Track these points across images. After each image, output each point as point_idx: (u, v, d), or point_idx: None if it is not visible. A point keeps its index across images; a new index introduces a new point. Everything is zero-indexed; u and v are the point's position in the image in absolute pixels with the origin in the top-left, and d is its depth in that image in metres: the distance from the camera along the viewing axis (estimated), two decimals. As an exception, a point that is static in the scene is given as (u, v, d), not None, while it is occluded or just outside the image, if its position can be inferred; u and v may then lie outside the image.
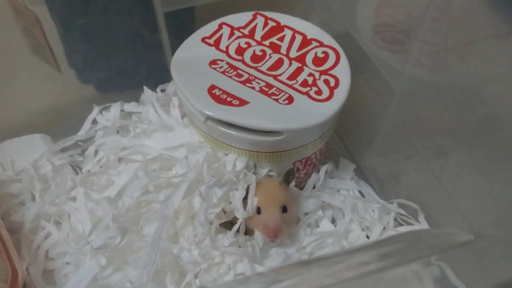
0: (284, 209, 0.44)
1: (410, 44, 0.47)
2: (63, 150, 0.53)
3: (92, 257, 0.40)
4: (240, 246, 0.43)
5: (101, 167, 0.51)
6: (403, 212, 0.49)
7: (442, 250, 0.29)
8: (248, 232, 0.45)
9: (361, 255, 0.27)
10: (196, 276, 0.41)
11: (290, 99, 0.44)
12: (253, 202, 0.43)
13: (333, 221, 0.49)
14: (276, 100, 0.43)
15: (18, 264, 0.43)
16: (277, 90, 0.44)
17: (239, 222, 0.42)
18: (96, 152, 0.52)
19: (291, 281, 0.23)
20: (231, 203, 0.44)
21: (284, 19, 0.51)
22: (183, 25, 0.60)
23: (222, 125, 0.43)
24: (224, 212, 0.44)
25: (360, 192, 0.52)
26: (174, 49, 0.56)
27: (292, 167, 0.46)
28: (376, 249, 0.30)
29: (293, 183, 0.47)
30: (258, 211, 0.44)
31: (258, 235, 0.44)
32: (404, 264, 0.26)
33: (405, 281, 0.26)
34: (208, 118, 0.43)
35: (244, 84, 0.44)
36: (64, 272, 0.42)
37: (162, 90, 0.57)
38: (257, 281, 0.25)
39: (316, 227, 0.49)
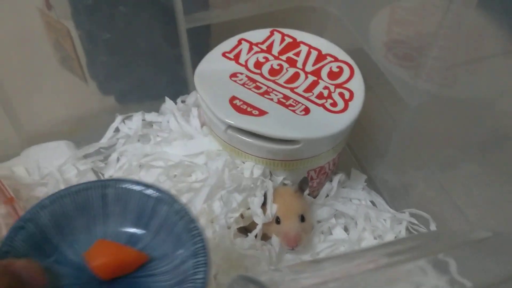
0: (302, 218, 0.46)
1: (422, 60, 0.49)
2: (86, 156, 0.55)
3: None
4: (257, 250, 0.45)
5: (122, 173, 0.53)
6: (415, 221, 0.50)
7: (455, 247, 0.30)
8: (264, 237, 0.47)
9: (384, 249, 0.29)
10: (215, 278, 0.43)
11: (307, 110, 0.46)
12: (272, 209, 0.45)
13: (345, 229, 0.51)
14: (293, 111, 0.46)
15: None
16: (294, 101, 0.47)
17: (258, 227, 0.44)
18: (118, 158, 0.54)
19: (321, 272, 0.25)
20: (249, 208, 0.45)
21: (300, 35, 0.54)
22: (201, 40, 0.62)
23: (242, 134, 0.45)
24: (242, 217, 0.46)
25: (371, 202, 0.54)
26: (193, 63, 0.59)
27: (306, 176, 0.48)
28: (390, 246, 0.31)
29: (307, 191, 0.49)
30: (277, 220, 0.46)
31: (275, 241, 0.45)
32: (416, 259, 0.28)
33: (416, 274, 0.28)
34: (229, 126, 0.45)
35: (263, 96, 0.47)
36: None
37: (183, 101, 0.60)
38: (287, 270, 0.26)
39: (329, 234, 0.50)
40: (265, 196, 0.46)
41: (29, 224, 0.29)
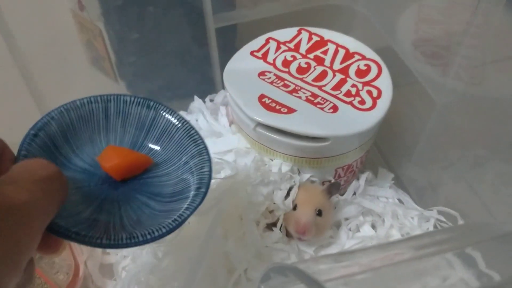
0: (319, 213, 0.46)
1: (450, 58, 0.49)
2: None
3: (149, 251, 0.43)
4: (286, 245, 0.45)
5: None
6: (442, 218, 0.50)
7: (483, 241, 0.30)
8: (289, 234, 0.48)
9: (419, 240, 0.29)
10: (245, 273, 0.43)
11: (335, 108, 0.46)
12: (292, 198, 0.46)
13: (373, 226, 0.51)
14: (322, 108, 0.46)
15: (80, 258, 0.47)
16: (322, 99, 0.47)
17: (281, 218, 0.45)
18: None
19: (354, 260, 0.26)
20: (274, 202, 0.46)
21: (327, 34, 0.54)
22: (227, 40, 0.63)
23: (271, 131, 0.46)
24: (270, 212, 0.47)
25: (399, 200, 0.54)
26: (220, 63, 0.60)
27: (339, 182, 0.48)
28: (417, 240, 0.32)
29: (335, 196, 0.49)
30: (295, 208, 0.46)
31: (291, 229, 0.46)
32: (443, 253, 0.28)
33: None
34: (258, 124, 0.46)
35: (291, 94, 0.47)
36: (123, 265, 0.45)
37: (211, 100, 0.61)
38: (324, 259, 0.27)
39: (357, 231, 0.50)
40: (289, 191, 0.47)
41: (41, 133, 0.31)
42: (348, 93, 0.48)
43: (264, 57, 0.52)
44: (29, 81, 0.56)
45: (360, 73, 0.50)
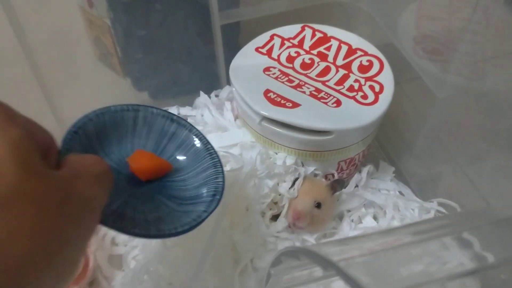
0: (318, 205, 0.47)
1: (450, 54, 0.50)
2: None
3: (159, 241, 0.45)
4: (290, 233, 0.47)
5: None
6: (442, 210, 0.51)
7: (479, 226, 0.31)
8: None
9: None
10: (251, 262, 0.45)
11: (338, 103, 0.47)
12: (297, 187, 0.47)
13: (375, 218, 0.52)
14: (325, 103, 0.47)
15: (89, 249, 0.48)
16: (326, 94, 0.48)
17: (285, 207, 0.47)
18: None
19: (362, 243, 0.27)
20: (280, 194, 0.47)
21: (330, 30, 0.55)
22: (231, 36, 0.64)
23: (276, 125, 0.47)
24: (275, 203, 0.48)
25: (400, 192, 0.55)
26: (224, 59, 0.61)
27: (343, 179, 0.49)
28: (415, 226, 0.33)
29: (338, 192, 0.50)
30: (296, 198, 0.47)
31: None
32: (441, 237, 0.29)
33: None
34: (263, 118, 0.47)
35: (296, 89, 0.49)
36: (132, 255, 0.47)
37: (216, 95, 0.62)
38: (331, 244, 0.28)
39: (359, 223, 0.52)
40: (294, 181, 0.48)
41: (80, 131, 0.34)
42: (351, 88, 0.49)
43: (269, 53, 0.53)
44: (38, 76, 0.57)
45: (363, 69, 0.51)
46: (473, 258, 0.28)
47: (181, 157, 0.39)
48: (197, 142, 0.39)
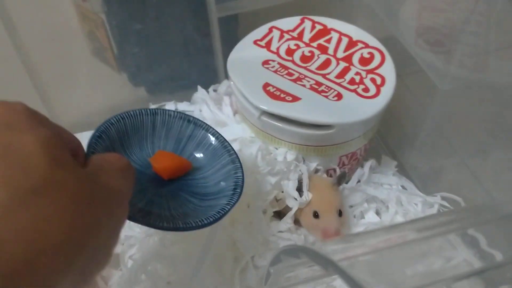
0: (340, 213, 0.46)
1: (452, 46, 0.49)
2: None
3: (156, 239, 0.44)
4: (292, 234, 0.46)
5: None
6: (446, 204, 0.51)
7: (485, 222, 0.31)
8: (296, 222, 0.48)
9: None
10: (252, 260, 0.44)
11: (339, 96, 0.46)
12: (307, 196, 0.46)
13: (377, 213, 0.51)
14: (326, 96, 0.46)
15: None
16: (326, 87, 0.47)
17: (293, 210, 0.45)
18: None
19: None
20: (282, 191, 0.46)
21: (330, 22, 0.54)
22: (229, 29, 0.63)
23: (276, 120, 0.46)
24: (277, 201, 0.47)
25: (402, 186, 0.54)
26: (222, 52, 0.60)
27: (345, 171, 0.48)
28: (419, 222, 0.32)
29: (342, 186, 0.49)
30: (316, 215, 0.45)
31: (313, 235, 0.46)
32: (446, 234, 0.28)
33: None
34: (263, 113, 0.46)
35: (295, 82, 0.48)
36: (129, 254, 0.46)
37: (214, 90, 0.61)
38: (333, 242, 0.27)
39: (361, 218, 0.51)
40: (300, 182, 0.47)
41: (104, 135, 0.36)
42: (352, 81, 0.48)
43: (268, 46, 0.52)
44: (31, 72, 0.56)
45: (364, 61, 0.50)
46: (478, 255, 0.27)
47: (200, 156, 0.41)
48: (214, 141, 0.41)
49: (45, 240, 0.21)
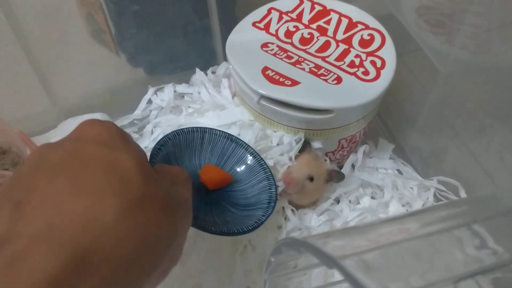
0: (311, 179, 0.46)
1: (454, 26, 0.48)
2: (120, 128, 0.57)
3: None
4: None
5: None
6: (442, 188, 0.51)
7: (490, 217, 0.31)
8: (296, 207, 0.49)
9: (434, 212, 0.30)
10: (249, 242, 0.45)
11: (339, 79, 0.46)
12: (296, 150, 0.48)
13: (372, 198, 0.51)
14: (325, 80, 0.46)
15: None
16: (326, 71, 0.47)
17: (283, 169, 0.47)
18: (152, 130, 0.56)
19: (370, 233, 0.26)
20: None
21: (329, 3, 0.53)
22: (227, 10, 0.62)
23: (274, 104, 0.46)
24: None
25: (398, 170, 0.54)
26: (221, 33, 0.59)
27: (343, 173, 0.48)
28: (426, 216, 0.32)
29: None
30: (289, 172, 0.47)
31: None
32: (451, 230, 0.29)
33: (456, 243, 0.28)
34: (262, 97, 0.46)
35: (295, 66, 0.47)
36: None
37: (213, 72, 0.60)
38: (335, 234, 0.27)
39: (357, 204, 0.51)
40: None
41: (162, 148, 0.42)
42: (351, 64, 0.48)
43: (267, 28, 0.51)
44: (29, 55, 0.55)
45: (364, 43, 0.49)
46: (484, 250, 0.28)
47: (239, 171, 0.46)
48: (252, 159, 0.46)
49: (145, 243, 0.25)
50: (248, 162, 0.46)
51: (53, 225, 0.23)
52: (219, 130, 0.47)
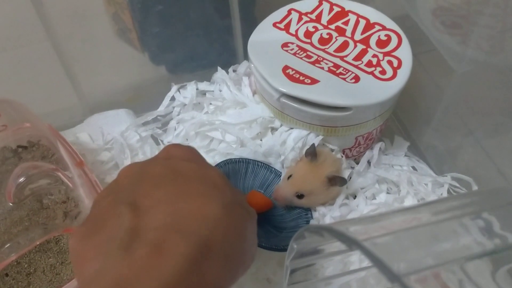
0: (300, 197, 0.48)
1: (469, 27, 0.49)
2: (144, 124, 0.59)
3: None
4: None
5: (180, 140, 0.57)
6: (456, 184, 0.52)
7: (499, 207, 0.32)
8: None
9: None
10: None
11: (357, 78, 0.48)
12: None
13: (388, 194, 0.53)
14: (344, 79, 0.48)
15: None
16: (344, 70, 0.49)
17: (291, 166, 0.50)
18: (175, 126, 0.58)
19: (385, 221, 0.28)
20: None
21: (348, 4, 0.55)
22: (247, 10, 0.64)
23: (294, 101, 0.48)
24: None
25: (413, 167, 0.56)
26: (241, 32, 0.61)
27: (345, 179, 0.48)
28: (435, 205, 0.34)
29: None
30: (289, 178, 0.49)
31: None
32: (460, 218, 0.30)
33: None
34: (282, 95, 0.48)
35: (314, 65, 0.49)
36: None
37: (234, 71, 0.62)
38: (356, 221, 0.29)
39: (373, 199, 0.52)
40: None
41: None
42: (369, 63, 0.49)
43: (287, 28, 0.53)
44: (58, 52, 0.58)
45: (381, 44, 0.51)
46: (491, 237, 0.29)
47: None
48: None
49: (240, 236, 0.30)
50: None
51: (176, 219, 0.28)
52: (261, 162, 0.52)
